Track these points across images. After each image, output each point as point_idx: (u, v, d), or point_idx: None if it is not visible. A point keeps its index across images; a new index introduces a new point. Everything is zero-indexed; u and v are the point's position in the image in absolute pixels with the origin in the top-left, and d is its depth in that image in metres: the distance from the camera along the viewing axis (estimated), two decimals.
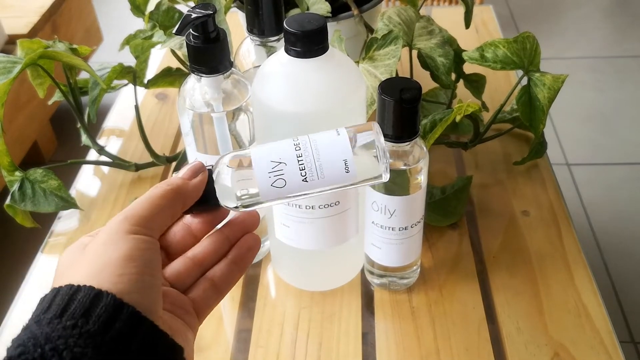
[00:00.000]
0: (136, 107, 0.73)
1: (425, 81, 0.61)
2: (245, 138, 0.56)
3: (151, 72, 0.92)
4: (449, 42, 0.70)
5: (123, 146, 0.83)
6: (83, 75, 1.72)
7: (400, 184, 0.53)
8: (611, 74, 2.22)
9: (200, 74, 0.51)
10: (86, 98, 0.74)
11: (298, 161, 0.37)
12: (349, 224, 0.56)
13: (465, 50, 0.69)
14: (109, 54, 1.24)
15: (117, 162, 0.76)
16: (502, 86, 0.89)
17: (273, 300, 0.62)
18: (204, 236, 0.39)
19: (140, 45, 0.70)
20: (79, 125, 0.75)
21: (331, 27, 0.63)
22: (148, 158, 0.77)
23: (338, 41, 0.62)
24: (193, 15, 0.46)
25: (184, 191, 0.36)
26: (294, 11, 0.68)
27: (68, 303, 0.29)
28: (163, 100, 0.91)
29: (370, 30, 0.70)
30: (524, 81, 0.66)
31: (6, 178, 0.67)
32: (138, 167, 0.77)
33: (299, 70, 0.48)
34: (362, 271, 0.64)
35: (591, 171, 1.82)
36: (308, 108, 0.48)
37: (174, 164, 0.75)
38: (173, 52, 0.71)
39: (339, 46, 0.62)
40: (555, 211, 0.70)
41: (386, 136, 0.50)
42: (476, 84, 0.75)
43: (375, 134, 0.39)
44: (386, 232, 0.56)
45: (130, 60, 0.73)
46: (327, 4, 0.65)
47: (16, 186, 0.66)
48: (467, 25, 0.74)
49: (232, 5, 0.69)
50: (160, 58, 0.99)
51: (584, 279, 0.62)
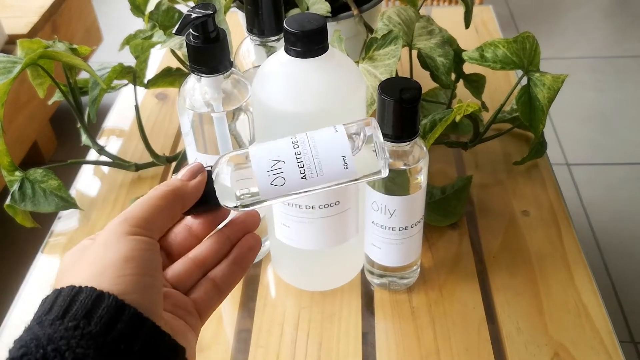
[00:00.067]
0: (136, 107, 0.74)
1: (425, 81, 0.61)
2: (245, 138, 0.56)
3: (151, 72, 0.92)
4: (449, 42, 0.70)
5: (123, 146, 0.83)
6: (83, 75, 1.72)
7: (400, 184, 0.53)
8: (611, 74, 2.22)
9: (200, 74, 0.51)
10: (86, 98, 0.74)
11: (297, 159, 0.37)
12: (349, 224, 0.56)
13: (465, 50, 0.69)
14: (109, 54, 1.24)
15: (117, 162, 0.76)
16: (502, 86, 0.89)
17: (273, 300, 0.62)
18: (205, 237, 0.39)
19: (140, 45, 0.70)
20: (79, 125, 0.75)
21: (331, 27, 0.63)
22: (148, 158, 0.77)
23: (338, 41, 0.62)
24: (193, 15, 0.46)
25: (183, 192, 0.36)
26: (294, 11, 0.68)
27: (70, 304, 0.29)
28: (163, 100, 0.91)
29: (370, 30, 0.70)
30: (524, 81, 0.66)
31: (6, 178, 0.67)
32: (138, 167, 0.77)
33: (299, 70, 0.48)
34: (362, 271, 0.64)
35: (591, 171, 1.82)
36: (308, 108, 0.48)
37: (174, 164, 0.75)
38: (173, 52, 0.71)
39: (339, 46, 0.62)
40: (555, 211, 0.70)
41: (386, 136, 0.50)
42: (476, 84, 0.75)
43: (373, 130, 0.39)
44: (386, 232, 0.56)
45: (130, 60, 0.73)
46: (327, 4, 0.65)
47: (16, 186, 0.66)
48: (467, 25, 0.74)
49: (232, 5, 0.69)
50: (160, 58, 0.99)
51: (584, 279, 0.62)
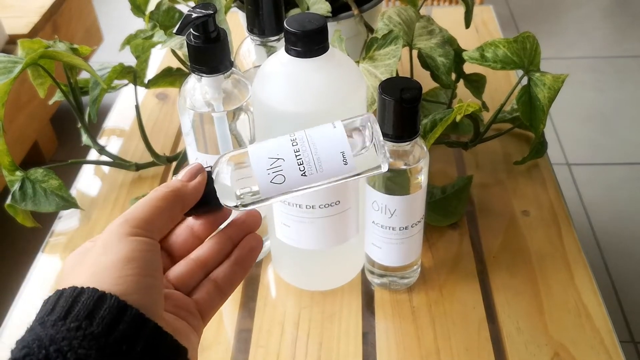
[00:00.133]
0: (137, 107, 0.74)
1: (425, 81, 0.61)
2: (245, 138, 0.56)
3: (151, 72, 0.93)
4: (449, 42, 0.70)
5: (123, 146, 0.83)
6: (84, 75, 1.72)
7: (400, 184, 0.53)
8: (611, 74, 2.22)
9: (200, 74, 0.51)
10: (87, 98, 0.74)
11: (296, 156, 0.37)
12: (350, 224, 0.56)
13: (465, 50, 0.69)
14: (110, 54, 1.24)
15: (118, 162, 0.76)
16: (502, 86, 0.89)
17: (273, 300, 0.62)
18: (207, 238, 0.39)
19: (140, 45, 0.70)
20: (80, 125, 0.75)
21: (331, 27, 0.63)
22: (148, 158, 0.77)
23: (338, 41, 0.62)
24: (193, 15, 0.46)
25: (183, 193, 0.36)
26: (294, 11, 0.68)
27: (72, 305, 0.29)
28: (163, 100, 0.91)
29: (370, 30, 0.71)
30: (524, 81, 0.66)
31: (7, 178, 0.67)
32: (138, 167, 0.77)
33: (300, 70, 0.48)
34: (363, 271, 0.64)
35: (591, 171, 1.82)
36: (308, 108, 0.48)
37: (175, 164, 0.75)
38: (173, 52, 0.71)
39: (339, 46, 0.62)
40: (555, 211, 0.70)
41: (387, 136, 0.50)
42: (476, 84, 0.75)
43: (371, 125, 0.39)
44: (386, 232, 0.56)
45: (130, 60, 0.73)
46: (328, 4, 0.65)
47: (17, 186, 0.67)
48: (467, 25, 0.74)
49: (233, 5, 0.69)
50: (160, 58, 0.99)
51: (584, 279, 0.62)
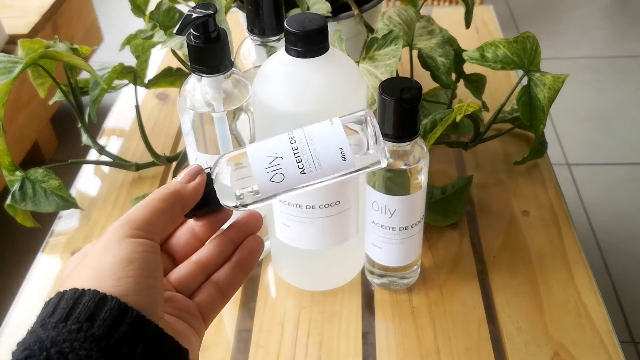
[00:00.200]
0: (137, 107, 0.74)
1: (425, 81, 0.61)
2: (245, 138, 0.56)
3: (152, 72, 0.93)
4: (449, 42, 0.70)
5: (123, 146, 0.83)
6: (84, 75, 1.72)
7: (400, 184, 0.53)
8: (611, 74, 2.22)
9: (200, 74, 0.51)
10: (87, 98, 0.74)
11: (294, 154, 0.37)
12: (350, 224, 0.56)
13: (465, 50, 0.69)
14: (110, 54, 1.24)
15: (118, 162, 0.76)
16: (502, 86, 0.89)
17: (273, 300, 0.62)
18: (208, 239, 0.39)
19: (140, 45, 0.70)
20: (80, 125, 0.75)
21: (331, 27, 0.63)
22: (148, 158, 0.77)
23: (338, 41, 0.62)
24: (194, 15, 0.46)
25: (183, 194, 0.36)
26: (295, 11, 0.68)
27: (73, 307, 0.29)
28: (164, 100, 0.91)
29: (370, 30, 0.71)
30: (524, 81, 0.66)
31: (7, 178, 0.67)
32: (138, 167, 0.77)
33: (300, 70, 0.48)
34: (363, 271, 0.64)
35: (591, 171, 1.82)
36: (308, 108, 0.48)
37: (175, 164, 0.75)
38: (173, 52, 0.71)
39: (340, 46, 0.62)
40: (555, 211, 0.70)
41: (387, 136, 0.50)
42: (476, 84, 0.75)
43: (369, 120, 0.39)
44: (386, 232, 0.56)
45: (130, 60, 0.73)
46: (328, 4, 0.65)
47: (17, 186, 0.67)
48: (468, 25, 0.74)
49: (233, 5, 0.69)
50: (160, 58, 0.99)
51: (584, 279, 0.62)
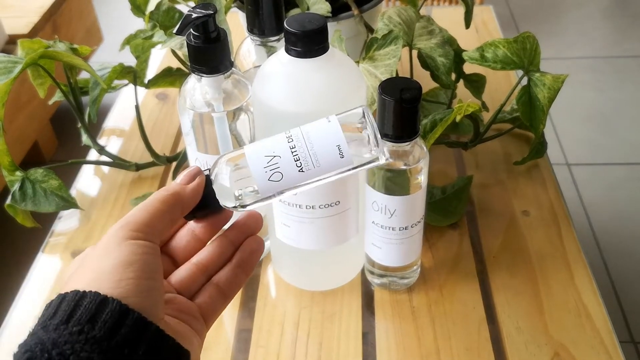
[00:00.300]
0: (136, 107, 0.74)
1: (425, 81, 0.61)
2: (245, 138, 0.56)
3: (151, 72, 0.93)
4: (449, 42, 0.70)
5: (123, 146, 0.83)
6: (83, 75, 1.72)
7: (400, 184, 0.53)
8: (611, 74, 2.22)
9: (200, 74, 0.51)
10: (87, 98, 0.74)
11: (292, 153, 0.37)
12: (350, 224, 0.56)
13: (465, 50, 0.69)
14: (110, 54, 1.24)
15: (118, 162, 0.76)
16: (502, 86, 0.89)
17: (273, 300, 0.62)
18: (209, 240, 0.39)
19: (140, 45, 0.70)
20: (80, 125, 0.75)
21: (331, 27, 0.63)
22: (148, 158, 0.77)
23: (338, 41, 0.62)
24: (193, 15, 0.46)
25: (182, 195, 0.36)
26: (294, 11, 0.68)
27: (74, 309, 0.29)
28: (163, 100, 0.91)
29: (370, 30, 0.71)
30: (524, 81, 0.66)
31: (7, 178, 0.67)
32: (138, 167, 0.77)
33: (300, 70, 0.48)
34: (363, 271, 0.64)
35: (591, 171, 1.82)
36: (308, 108, 0.48)
37: (175, 164, 0.75)
38: (173, 52, 0.71)
39: (339, 46, 0.62)
40: (555, 211, 0.70)
41: (386, 136, 0.50)
42: (476, 84, 0.75)
43: (366, 117, 0.39)
44: (386, 232, 0.56)
45: (130, 60, 0.73)
46: (328, 4, 0.65)
47: (17, 186, 0.67)
48: (467, 25, 0.74)
49: (233, 5, 0.69)
50: (160, 58, 0.99)
51: (584, 279, 0.62)
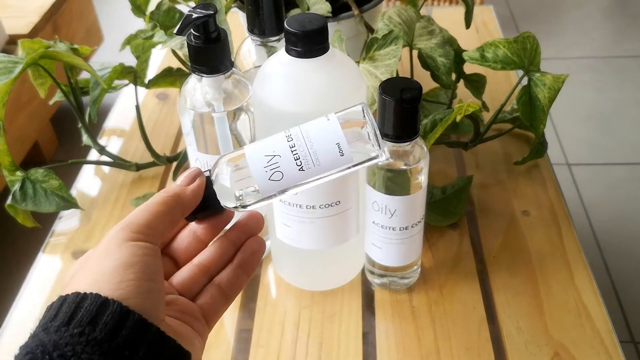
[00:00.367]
0: (137, 107, 0.74)
1: (425, 81, 0.61)
2: (246, 138, 0.56)
3: (152, 72, 0.93)
4: (450, 42, 0.70)
5: (124, 146, 0.83)
6: (84, 75, 1.72)
7: (400, 184, 0.53)
8: (611, 74, 2.22)
9: (201, 74, 0.51)
10: (87, 98, 0.75)
11: (292, 152, 0.37)
12: (350, 224, 0.56)
13: (465, 50, 0.69)
14: (110, 54, 1.24)
15: (118, 162, 0.77)
16: (503, 86, 0.89)
17: (274, 300, 0.62)
18: (211, 241, 0.39)
19: (141, 45, 0.70)
20: (80, 125, 0.75)
21: (332, 27, 0.63)
22: (149, 158, 0.77)
23: (338, 41, 0.62)
24: (194, 15, 0.46)
25: (182, 196, 0.36)
26: (295, 11, 0.68)
27: (75, 311, 0.29)
28: (164, 100, 0.91)
29: (370, 30, 0.71)
30: (524, 81, 0.66)
31: (7, 178, 0.67)
32: (139, 167, 0.77)
33: (300, 70, 0.48)
34: (363, 271, 0.64)
35: (591, 171, 1.82)
36: (309, 108, 0.48)
37: (175, 164, 0.75)
38: (174, 52, 0.71)
39: (340, 46, 0.62)
40: (555, 211, 0.70)
41: (387, 136, 0.50)
42: (476, 84, 0.75)
43: (365, 115, 0.39)
44: (387, 232, 0.56)
45: (131, 60, 0.73)
46: (328, 4, 0.65)
47: (17, 186, 0.67)
48: (468, 25, 0.74)
49: (233, 5, 0.69)
50: (161, 58, 0.99)
51: (584, 279, 0.62)
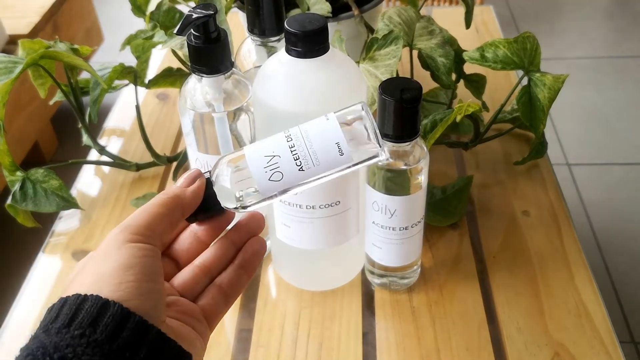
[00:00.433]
0: (137, 107, 0.74)
1: (425, 81, 0.61)
2: (246, 138, 0.56)
3: (152, 72, 0.93)
4: (450, 42, 0.70)
5: (124, 146, 0.83)
6: (84, 75, 1.72)
7: (400, 184, 0.53)
8: (611, 74, 2.22)
9: (201, 74, 0.51)
10: (87, 98, 0.75)
11: (291, 152, 0.37)
12: (350, 224, 0.56)
13: (465, 50, 0.69)
14: (110, 54, 1.24)
15: (118, 162, 0.77)
16: (503, 86, 0.89)
17: (274, 300, 0.62)
18: (212, 242, 0.39)
19: (141, 45, 0.70)
20: (80, 125, 0.75)
21: (332, 27, 0.63)
22: (149, 158, 0.77)
23: (339, 41, 0.62)
24: (194, 15, 0.46)
25: (182, 198, 0.36)
26: (295, 11, 0.68)
27: (76, 313, 0.29)
28: (164, 100, 0.91)
29: (370, 30, 0.71)
30: (524, 81, 0.66)
31: (7, 178, 0.67)
32: (139, 167, 0.77)
33: (300, 70, 0.48)
34: (363, 271, 0.64)
35: (591, 171, 1.82)
36: (309, 108, 0.48)
37: (175, 164, 0.75)
38: (174, 52, 0.71)
39: (340, 46, 0.62)
40: (555, 211, 0.70)
41: (387, 136, 0.50)
42: (476, 84, 0.75)
43: (364, 113, 0.39)
44: (387, 232, 0.56)
45: (131, 60, 0.73)
46: (328, 4, 0.65)
47: (17, 186, 0.67)
48: (468, 25, 0.74)
49: (233, 5, 0.69)
50: (161, 58, 0.99)
51: (584, 279, 0.62)
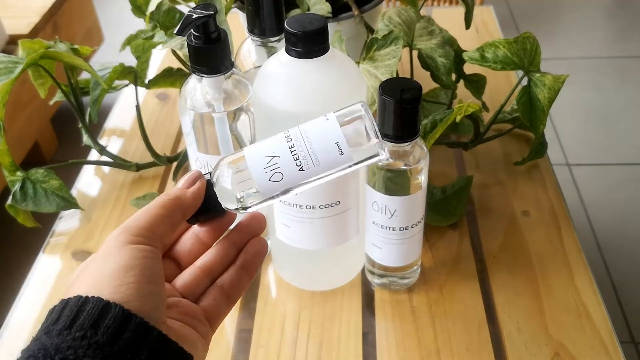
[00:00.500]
0: (137, 107, 0.74)
1: (425, 81, 0.61)
2: (246, 138, 0.56)
3: (152, 73, 0.93)
4: (449, 43, 0.70)
5: (124, 146, 0.83)
6: (84, 75, 1.72)
7: (400, 184, 0.53)
8: (611, 74, 2.22)
9: (201, 74, 0.51)
10: (87, 98, 0.75)
11: (291, 152, 0.37)
12: (350, 224, 0.56)
13: (465, 50, 0.69)
14: (110, 54, 1.24)
15: (118, 162, 0.77)
16: (503, 86, 0.90)
17: (274, 300, 0.62)
18: (213, 243, 0.39)
19: (141, 45, 0.70)
20: (80, 125, 0.75)
21: (332, 28, 0.63)
22: (149, 158, 0.77)
23: (339, 41, 0.62)
24: (194, 15, 0.46)
25: (183, 199, 0.36)
26: (295, 11, 0.68)
27: (77, 314, 0.29)
28: (164, 100, 0.91)
29: (370, 30, 0.71)
30: (524, 81, 0.66)
31: (8, 178, 0.67)
32: (139, 167, 0.77)
33: (300, 70, 0.48)
34: (363, 271, 0.64)
35: (591, 171, 1.82)
36: (309, 108, 0.48)
37: (175, 164, 0.75)
38: (174, 53, 0.71)
39: (340, 46, 0.62)
40: (555, 211, 0.70)
41: (387, 136, 0.50)
42: (476, 84, 0.75)
43: (364, 113, 0.39)
44: (387, 232, 0.56)
45: (131, 60, 0.73)
46: (328, 5, 0.65)
47: (18, 186, 0.67)
48: (468, 25, 0.74)
49: (233, 5, 0.69)
50: (161, 58, 0.99)
51: (584, 279, 0.62)
